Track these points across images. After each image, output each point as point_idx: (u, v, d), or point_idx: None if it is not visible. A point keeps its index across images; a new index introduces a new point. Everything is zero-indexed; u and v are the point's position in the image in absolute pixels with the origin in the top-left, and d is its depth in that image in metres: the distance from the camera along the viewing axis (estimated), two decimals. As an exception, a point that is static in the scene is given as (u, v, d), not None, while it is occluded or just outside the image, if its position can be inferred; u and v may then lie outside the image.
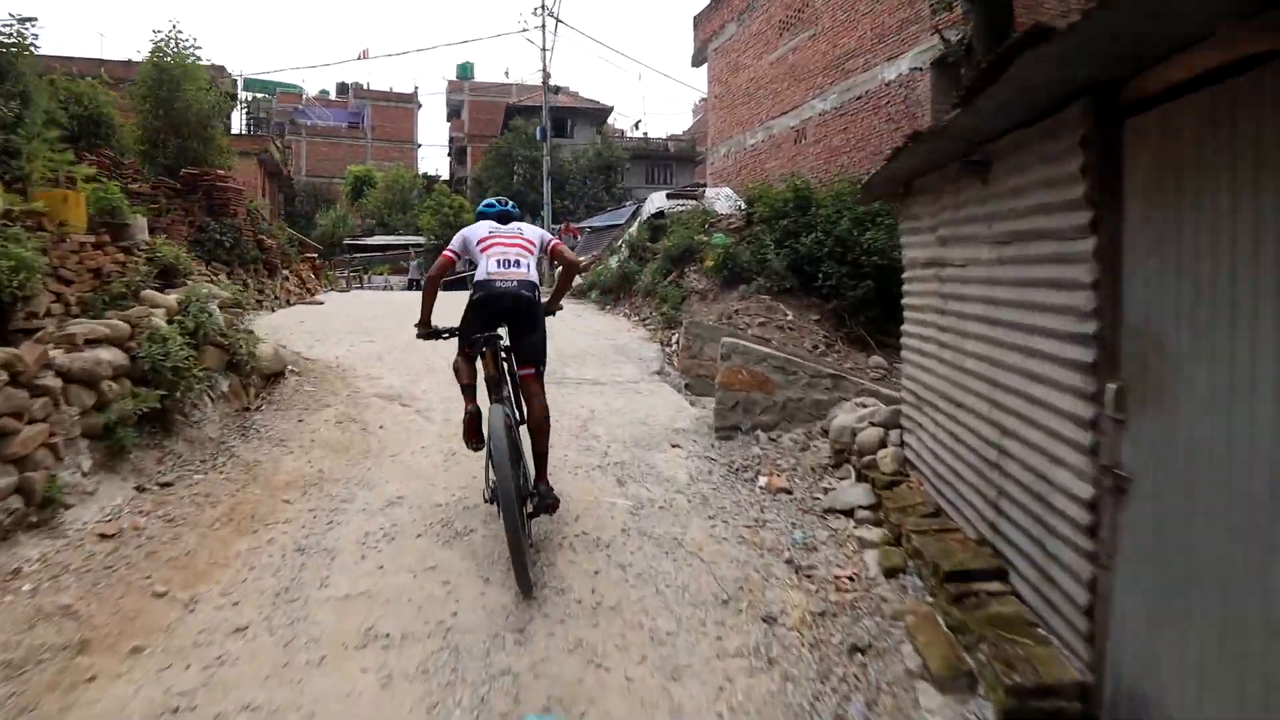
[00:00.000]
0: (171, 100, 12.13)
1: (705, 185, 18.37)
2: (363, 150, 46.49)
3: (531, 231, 4.24)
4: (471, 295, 3.93)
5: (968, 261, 3.85)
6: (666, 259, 11.27)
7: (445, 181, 43.15)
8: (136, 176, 10.65)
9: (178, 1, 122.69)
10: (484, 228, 4.18)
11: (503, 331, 4.00)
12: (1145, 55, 2.28)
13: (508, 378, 3.97)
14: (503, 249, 4.00)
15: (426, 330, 4.24)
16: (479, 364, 3.92)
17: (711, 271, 10.06)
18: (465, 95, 48.03)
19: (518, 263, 3.96)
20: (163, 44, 12.24)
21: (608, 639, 3.18)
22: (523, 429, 3.94)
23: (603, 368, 8.08)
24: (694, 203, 14.22)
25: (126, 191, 10.16)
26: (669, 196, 15.85)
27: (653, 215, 14.07)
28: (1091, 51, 2.25)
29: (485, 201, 4.54)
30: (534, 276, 3.99)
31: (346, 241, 34.55)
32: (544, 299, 4.25)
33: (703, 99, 58.45)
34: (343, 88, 49.48)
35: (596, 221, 22.65)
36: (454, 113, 50.98)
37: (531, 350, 3.92)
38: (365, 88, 48.43)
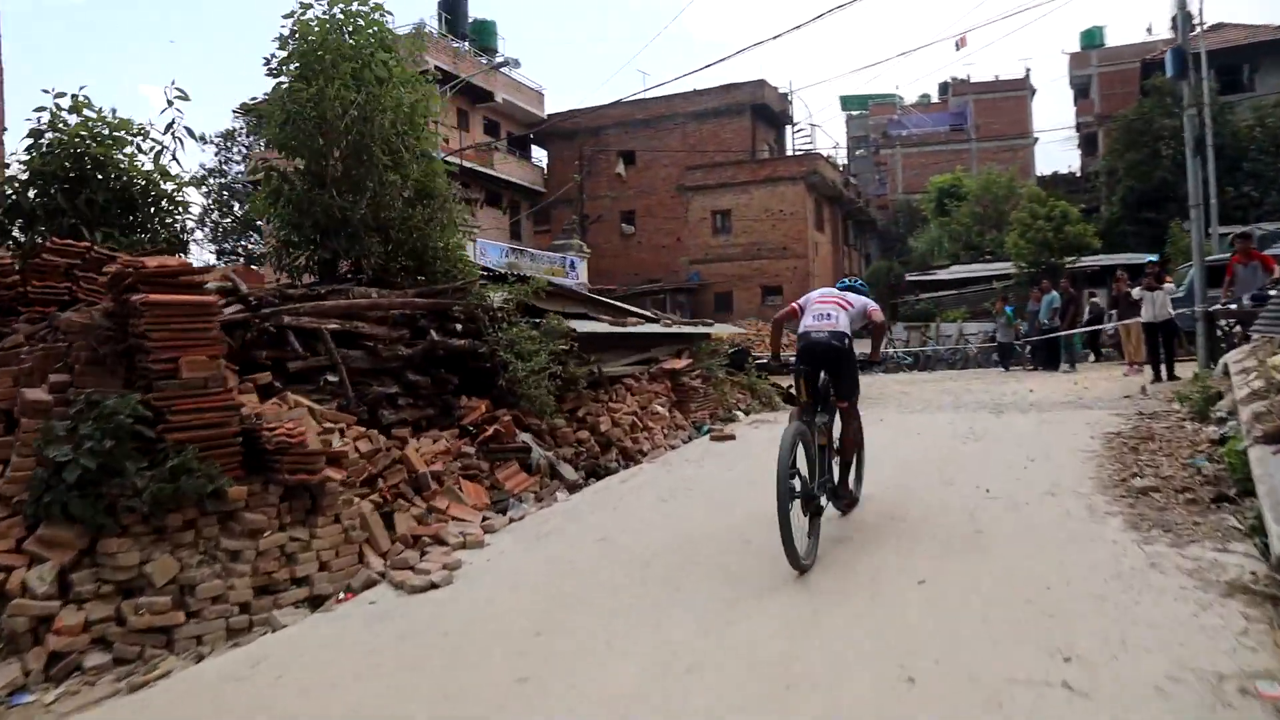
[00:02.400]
0: (303, 115, 6.31)
1: None
2: (967, 155, 40.93)
3: (855, 298, 4.92)
4: (797, 344, 4.77)
5: None
6: None
7: (1040, 181, 34.56)
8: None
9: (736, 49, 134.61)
10: (821, 291, 5.04)
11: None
12: None
13: (826, 408, 4.75)
14: (821, 306, 4.75)
15: (777, 362, 5.49)
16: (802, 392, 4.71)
17: None
18: (1093, 68, 38.36)
19: (828, 315, 4.65)
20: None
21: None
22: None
23: None
24: None
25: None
26: None
27: None
28: None
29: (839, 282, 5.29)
30: (843, 327, 4.63)
31: (909, 278, 27.98)
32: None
33: None
34: (944, 88, 45.05)
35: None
36: (1081, 92, 41.49)
37: (844, 388, 4.76)
38: (966, 81, 42.95)
